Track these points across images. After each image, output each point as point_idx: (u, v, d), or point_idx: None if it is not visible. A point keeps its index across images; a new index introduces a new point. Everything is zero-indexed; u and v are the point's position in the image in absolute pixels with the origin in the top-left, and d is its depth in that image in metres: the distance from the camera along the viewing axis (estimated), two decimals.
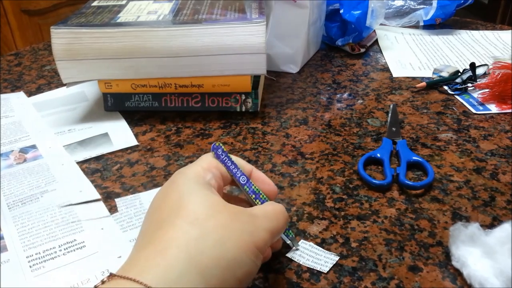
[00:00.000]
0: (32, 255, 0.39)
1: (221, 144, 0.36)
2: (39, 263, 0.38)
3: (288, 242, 0.39)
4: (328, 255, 0.39)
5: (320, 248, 0.40)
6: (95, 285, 0.27)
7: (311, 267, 0.38)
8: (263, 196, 0.36)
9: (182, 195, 0.31)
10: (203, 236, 0.28)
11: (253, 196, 0.36)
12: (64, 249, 0.39)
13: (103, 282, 0.27)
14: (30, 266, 0.38)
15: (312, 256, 0.39)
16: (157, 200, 0.33)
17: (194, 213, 0.30)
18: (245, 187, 0.36)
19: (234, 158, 0.36)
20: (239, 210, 0.31)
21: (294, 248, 0.39)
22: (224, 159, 0.35)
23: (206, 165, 0.34)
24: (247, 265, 0.29)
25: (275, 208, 0.34)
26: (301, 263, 0.38)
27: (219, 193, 0.33)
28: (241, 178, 0.36)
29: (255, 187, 0.36)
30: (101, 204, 0.45)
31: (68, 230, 0.41)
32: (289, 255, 0.39)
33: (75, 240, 0.40)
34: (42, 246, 0.40)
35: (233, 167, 0.36)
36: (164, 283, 0.26)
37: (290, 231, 0.39)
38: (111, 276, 0.27)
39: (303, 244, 0.40)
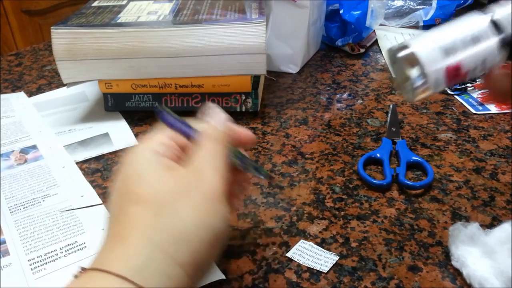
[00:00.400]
0: (34, 258, 0.39)
1: (164, 107, 0.34)
2: (40, 265, 0.38)
3: (262, 177, 0.36)
4: (328, 255, 0.39)
5: (320, 248, 0.40)
6: (74, 274, 0.27)
7: (311, 267, 0.38)
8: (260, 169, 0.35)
9: (129, 175, 0.30)
10: (156, 215, 0.27)
11: None
12: (65, 251, 0.40)
13: (75, 276, 0.26)
14: (32, 269, 0.38)
15: (312, 256, 0.39)
16: (114, 182, 0.32)
17: (142, 195, 0.28)
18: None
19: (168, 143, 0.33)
20: (182, 170, 0.30)
21: (268, 179, 0.36)
22: (171, 121, 0.33)
23: (156, 139, 0.33)
24: (211, 224, 0.28)
25: (203, 142, 0.32)
26: (301, 263, 0.38)
27: (175, 161, 0.31)
28: (195, 135, 0.33)
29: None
30: (101, 206, 0.45)
31: (70, 233, 0.42)
32: (289, 255, 0.39)
33: (76, 242, 0.41)
34: (43, 250, 0.40)
35: (183, 126, 0.33)
36: (133, 270, 0.25)
37: (261, 168, 0.36)
38: (84, 270, 0.26)
39: (303, 244, 0.40)
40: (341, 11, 0.77)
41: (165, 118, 0.33)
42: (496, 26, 0.29)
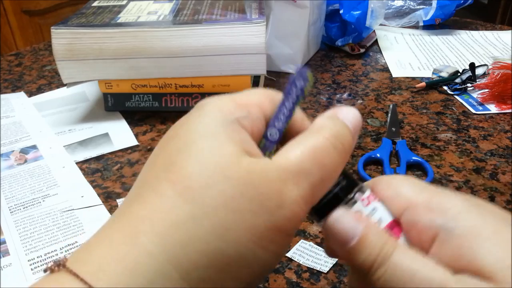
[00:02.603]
0: (34, 259, 0.39)
1: (311, 78, 0.23)
2: (40, 265, 0.38)
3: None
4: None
5: (320, 248, 0.40)
6: (45, 268, 0.19)
7: (311, 267, 0.38)
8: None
9: (183, 144, 0.21)
10: (195, 218, 0.19)
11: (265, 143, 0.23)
12: (65, 251, 0.40)
13: (51, 270, 0.19)
14: (32, 269, 0.38)
15: (312, 256, 0.39)
16: (156, 149, 0.23)
17: (189, 177, 0.19)
18: (263, 140, 0.23)
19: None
20: (258, 168, 0.20)
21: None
22: (291, 96, 0.23)
23: (247, 99, 0.22)
24: (260, 261, 0.20)
25: (316, 146, 0.21)
26: (301, 263, 0.38)
27: (253, 140, 0.22)
28: (270, 129, 0.23)
29: (273, 152, 0.22)
30: (102, 206, 0.45)
31: (70, 233, 0.42)
32: (289, 255, 0.39)
33: (76, 242, 0.41)
34: (43, 250, 0.40)
35: (284, 113, 0.23)
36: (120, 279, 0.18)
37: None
38: (62, 265, 0.19)
39: (303, 244, 0.40)
40: (341, 11, 0.77)
41: (292, 87, 0.23)
42: None
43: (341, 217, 0.22)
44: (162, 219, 0.19)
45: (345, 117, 0.22)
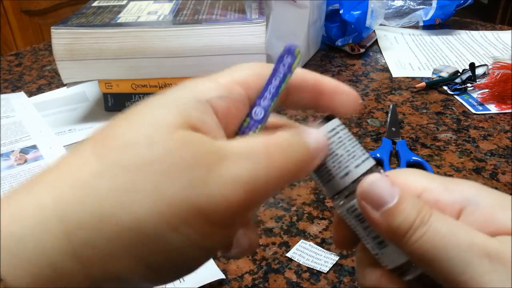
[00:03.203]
0: None
1: (299, 55, 0.22)
2: None
3: None
4: (328, 255, 0.39)
5: (320, 248, 0.40)
6: None
7: (311, 267, 0.38)
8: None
9: (131, 111, 0.19)
10: (100, 176, 0.17)
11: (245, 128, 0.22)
12: None
13: None
14: None
15: (312, 256, 0.39)
16: None
17: (112, 139, 0.18)
18: (247, 119, 0.22)
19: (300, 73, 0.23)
20: (193, 140, 0.18)
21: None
22: (279, 73, 0.22)
23: (230, 78, 0.21)
24: (166, 242, 0.17)
25: (271, 138, 0.19)
26: (301, 263, 0.38)
27: (230, 122, 0.21)
28: (255, 108, 0.22)
29: (257, 131, 0.22)
30: None
31: None
32: (289, 255, 0.39)
33: None
34: None
35: (271, 91, 0.22)
36: (6, 238, 0.16)
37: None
38: None
39: (303, 244, 0.40)
40: (341, 11, 0.77)
41: (280, 65, 0.22)
42: None
43: (378, 180, 0.21)
44: (68, 173, 0.17)
45: (308, 136, 0.21)
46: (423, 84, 0.68)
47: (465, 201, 0.21)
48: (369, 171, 0.23)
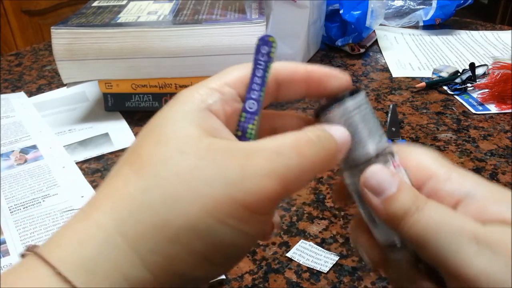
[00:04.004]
0: None
1: (274, 42, 0.24)
2: None
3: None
4: (328, 255, 0.39)
5: (320, 248, 0.40)
6: (21, 253, 0.20)
7: (311, 267, 0.38)
8: (250, 135, 0.23)
9: (148, 132, 0.21)
10: (146, 189, 0.19)
11: (239, 132, 0.23)
12: None
13: (23, 255, 0.20)
14: None
15: (312, 256, 0.39)
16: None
17: (147, 157, 0.20)
18: (243, 114, 0.23)
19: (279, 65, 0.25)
20: (221, 145, 0.20)
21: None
22: (260, 64, 0.23)
23: (220, 81, 0.23)
24: (221, 237, 0.19)
25: (299, 138, 0.21)
26: (301, 263, 0.38)
27: (229, 121, 0.23)
28: (248, 102, 0.23)
29: (255, 123, 0.23)
30: None
31: None
32: (289, 255, 0.39)
33: None
34: None
35: (258, 82, 0.23)
36: (75, 264, 0.18)
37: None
38: (34, 248, 0.19)
39: (303, 244, 0.40)
40: (341, 11, 0.77)
41: (259, 55, 0.23)
42: None
43: (379, 170, 0.23)
44: (115, 194, 0.19)
45: (333, 131, 0.23)
46: (423, 84, 0.68)
47: (464, 193, 0.22)
48: (380, 155, 0.24)
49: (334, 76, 0.25)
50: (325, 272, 0.37)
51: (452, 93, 0.67)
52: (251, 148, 0.20)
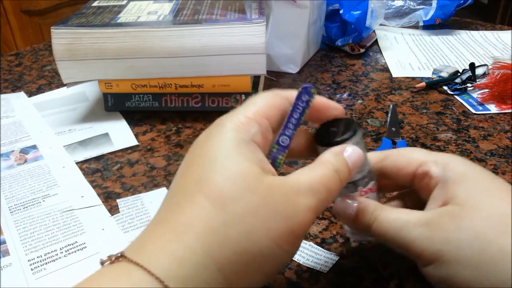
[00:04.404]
0: (34, 259, 0.39)
1: (315, 93, 0.29)
2: (41, 265, 0.38)
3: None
4: (328, 255, 0.39)
5: (320, 248, 0.40)
6: (101, 260, 0.24)
7: (311, 267, 0.38)
8: (279, 164, 0.29)
9: (210, 162, 0.25)
10: (227, 224, 0.24)
11: (270, 159, 0.29)
12: (65, 251, 0.40)
13: (111, 261, 0.24)
14: (32, 269, 0.38)
15: (312, 256, 0.39)
16: (184, 162, 0.28)
17: (220, 191, 0.24)
18: (275, 146, 0.29)
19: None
20: (276, 184, 0.25)
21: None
22: (298, 108, 0.29)
23: (255, 111, 0.28)
24: (278, 258, 0.25)
25: (325, 174, 0.27)
26: (301, 263, 0.38)
27: (264, 150, 0.27)
28: (281, 137, 0.28)
29: (284, 155, 0.29)
30: (102, 206, 0.45)
31: (70, 233, 0.42)
32: None
33: (76, 242, 0.41)
34: (43, 250, 0.40)
35: (293, 123, 0.29)
36: (176, 277, 0.22)
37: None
38: (121, 257, 0.23)
39: (303, 244, 0.40)
40: (341, 11, 0.77)
41: (299, 102, 0.28)
42: None
43: (343, 201, 0.32)
44: (200, 224, 0.24)
45: (349, 155, 0.29)
46: (423, 84, 0.68)
47: (442, 177, 0.30)
48: (365, 177, 0.32)
49: (334, 107, 0.32)
50: (325, 272, 0.37)
51: (452, 93, 0.67)
52: (297, 184, 0.26)
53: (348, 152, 0.29)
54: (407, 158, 0.32)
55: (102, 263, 0.24)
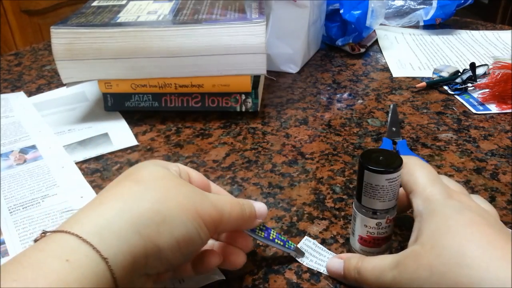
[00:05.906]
0: None
1: (274, 231, 0.38)
2: None
3: (293, 254, 0.39)
4: (329, 255, 0.39)
5: (324, 248, 0.40)
6: (35, 238, 0.27)
7: (312, 267, 0.38)
8: (288, 243, 0.38)
9: (137, 168, 0.32)
10: (144, 191, 0.29)
11: (281, 243, 0.38)
12: None
13: (35, 240, 0.27)
14: None
15: (315, 256, 0.39)
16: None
17: (142, 177, 0.31)
18: (275, 240, 0.38)
19: (192, 173, 0.36)
20: (191, 185, 0.32)
21: (300, 257, 0.39)
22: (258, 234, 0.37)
23: (178, 166, 0.35)
24: (186, 228, 0.29)
25: (232, 199, 0.34)
26: (304, 263, 0.38)
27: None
28: (270, 236, 0.37)
29: (275, 233, 0.38)
30: None
31: None
32: (292, 254, 0.39)
33: None
34: None
35: (265, 234, 0.37)
36: (94, 231, 0.26)
37: (290, 242, 0.38)
38: (44, 232, 0.27)
39: (306, 241, 0.40)
40: (341, 11, 0.77)
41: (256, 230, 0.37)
42: None
43: (329, 263, 0.38)
44: (123, 194, 0.29)
45: (257, 206, 0.36)
46: (423, 84, 0.68)
47: (419, 211, 0.33)
48: (392, 208, 0.36)
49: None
50: (326, 272, 0.37)
51: (452, 93, 0.67)
52: (207, 193, 0.33)
53: (257, 204, 0.36)
54: (410, 173, 0.35)
55: (35, 240, 0.27)
